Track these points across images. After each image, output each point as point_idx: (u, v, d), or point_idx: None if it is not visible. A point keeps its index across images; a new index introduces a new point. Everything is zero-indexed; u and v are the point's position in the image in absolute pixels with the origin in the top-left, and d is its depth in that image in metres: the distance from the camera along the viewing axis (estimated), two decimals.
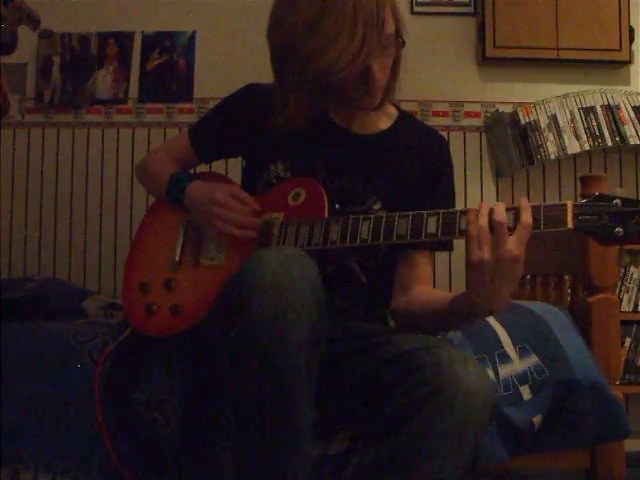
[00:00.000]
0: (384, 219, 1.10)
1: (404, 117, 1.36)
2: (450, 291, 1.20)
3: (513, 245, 0.97)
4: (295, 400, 0.93)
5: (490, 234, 0.97)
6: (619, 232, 0.95)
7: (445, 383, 0.95)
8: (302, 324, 0.92)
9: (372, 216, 1.12)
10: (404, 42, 1.19)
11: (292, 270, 0.94)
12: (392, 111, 1.34)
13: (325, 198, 1.18)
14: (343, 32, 1.09)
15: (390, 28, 1.15)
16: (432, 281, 1.30)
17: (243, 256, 1.17)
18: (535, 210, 0.99)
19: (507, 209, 1.00)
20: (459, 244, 1.10)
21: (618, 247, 1.00)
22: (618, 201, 0.96)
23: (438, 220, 1.05)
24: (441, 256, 1.35)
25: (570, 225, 0.96)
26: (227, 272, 1.14)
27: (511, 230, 0.98)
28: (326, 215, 1.17)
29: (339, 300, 1.18)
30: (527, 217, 0.97)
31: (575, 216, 0.97)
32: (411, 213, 1.08)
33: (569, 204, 0.97)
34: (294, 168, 1.28)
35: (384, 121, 1.32)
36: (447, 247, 1.29)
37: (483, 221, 0.98)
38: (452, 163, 1.34)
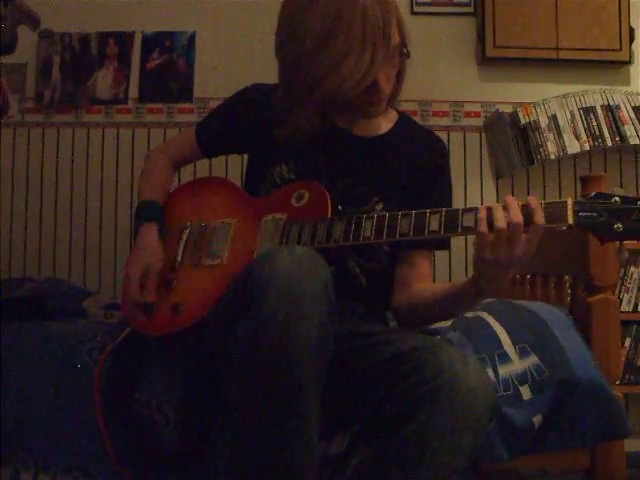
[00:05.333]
0: (387, 218, 1.11)
1: (404, 119, 1.38)
2: None
3: (528, 244, 0.99)
4: (305, 398, 0.93)
5: (505, 234, 0.99)
6: (619, 228, 0.97)
7: (445, 383, 0.96)
8: (313, 322, 0.92)
9: (375, 215, 1.12)
10: (409, 53, 1.20)
11: (303, 269, 0.94)
12: (392, 113, 1.36)
13: (329, 200, 1.19)
14: (353, 49, 1.10)
15: (395, 40, 1.16)
16: (432, 279, 1.32)
17: (245, 256, 1.18)
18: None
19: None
20: (457, 244, 1.11)
21: (617, 244, 1.03)
22: (617, 198, 0.98)
23: (440, 218, 1.06)
24: (440, 256, 1.36)
25: (570, 221, 0.98)
26: (229, 272, 1.14)
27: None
28: (329, 217, 1.17)
29: (340, 300, 1.18)
30: (540, 218, 0.99)
31: (575, 213, 0.99)
32: (414, 212, 1.09)
33: (569, 201, 0.99)
34: (298, 169, 1.29)
35: (385, 124, 1.34)
36: (446, 246, 1.31)
37: (502, 222, 0.99)
38: (450, 164, 1.37)
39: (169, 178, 1.45)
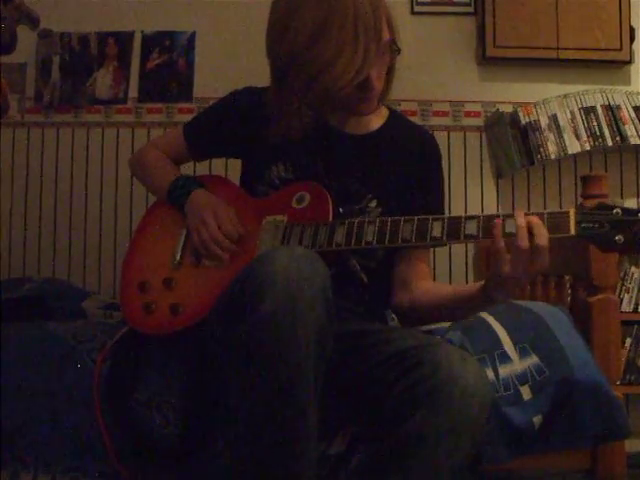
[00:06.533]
0: (389, 223, 1.11)
1: (394, 116, 1.39)
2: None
3: (547, 258, 1.00)
4: (304, 397, 0.93)
5: (529, 255, 0.99)
6: (620, 240, 0.98)
7: (442, 381, 0.96)
8: (311, 323, 0.93)
9: (377, 219, 1.13)
10: (399, 50, 1.21)
11: (303, 269, 0.94)
12: (383, 111, 1.37)
13: (330, 202, 1.19)
14: (345, 46, 1.11)
15: (386, 36, 1.17)
16: (431, 275, 1.33)
17: (246, 257, 1.17)
18: (539, 217, 1.02)
19: (506, 216, 1.02)
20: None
21: (618, 256, 1.04)
22: (619, 210, 0.99)
23: (443, 225, 1.07)
24: (441, 256, 1.36)
25: (572, 232, 1.00)
26: (230, 273, 1.14)
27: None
28: (330, 219, 1.17)
29: (340, 300, 1.18)
30: (544, 233, 0.99)
31: (577, 223, 1.00)
32: (416, 217, 1.09)
33: (572, 212, 1.01)
34: (295, 169, 1.29)
35: (376, 121, 1.35)
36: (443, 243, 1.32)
37: (524, 244, 0.99)
38: (441, 158, 1.39)
39: (172, 163, 1.45)
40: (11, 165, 2.79)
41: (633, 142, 2.53)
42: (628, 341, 2.49)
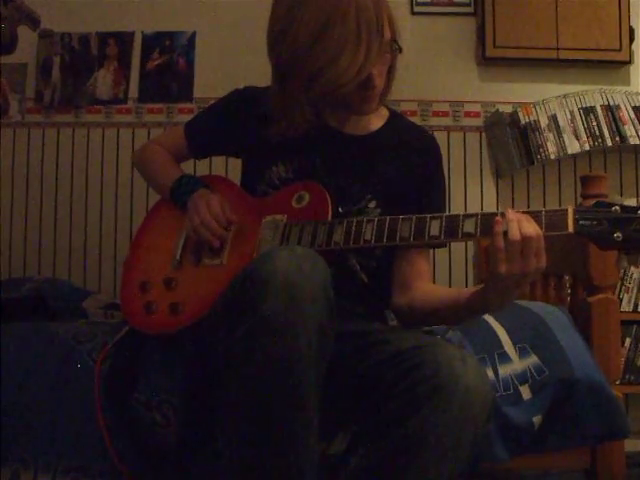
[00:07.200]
0: (387, 222, 1.11)
1: (394, 117, 1.38)
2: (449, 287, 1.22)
3: (543, 258, 1.00)
4: (305, 397, 0.93)
5: (520, 247, 0.99)
6: (618, 237, 0.97)
7: (443, 381, 0.96)
8: (312, 323, 0.93)
9: (376, 218, 1.13)
10: (400, 49, 1.21)
11: (303, 268, 0.94)
12: (383, 111, 1.36)
13: (329, 202, 1.19)
14: (348, 44, 1.11)
15: (387, 35, 1.17)
16: (431, 277, 1.32)
17: (245, 257, 1.18)
18: (537, 215, 1.01)
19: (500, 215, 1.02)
20: (458, 244, 1.10)
21: (617, 253, 1.03)
22: (617, 207, 0.99)
23: (441, 223, 1.07)
24: (440, 257, 1.36)
25: (571, 229, 0.99)
26: (229, 272, 1.14)
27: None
28: (329, 219, 1.17)
29: (340, 300, 1.18)
30: (535, 227, 0.99)
31: (576, 221, 0.99)
32: (414, 216, 1.09)
33: (570, 209, 1.00)
34: (295, 169, 1.29)
35: (376, 121, 1.34)
36: (444, 243, 1.32)
37: (515, 235, 0.99)
38: (442, 159, 1.38)
39: (175, 161, 1.46)
40: (11, 165, 2.79)
41: (632, 142, 2.53)
42: (627, 341, 2.49)
